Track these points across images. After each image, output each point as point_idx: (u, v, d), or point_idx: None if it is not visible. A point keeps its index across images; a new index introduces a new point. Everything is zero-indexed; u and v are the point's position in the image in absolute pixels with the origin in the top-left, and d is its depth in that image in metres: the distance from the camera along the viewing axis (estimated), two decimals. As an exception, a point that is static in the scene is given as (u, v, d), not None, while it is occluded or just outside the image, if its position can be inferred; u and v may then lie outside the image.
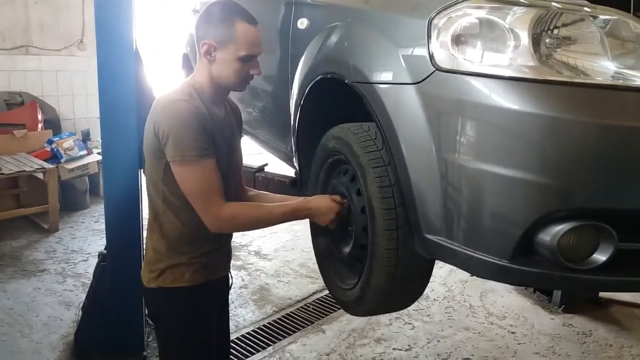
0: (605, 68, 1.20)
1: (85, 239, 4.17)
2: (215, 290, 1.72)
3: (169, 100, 1.51)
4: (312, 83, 1.77)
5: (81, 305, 2.72)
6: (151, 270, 1.63)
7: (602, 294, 3.43)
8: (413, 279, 1.55)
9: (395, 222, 1.43)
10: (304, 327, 3.05)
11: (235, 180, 1.73)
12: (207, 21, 1.55)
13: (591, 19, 1.22)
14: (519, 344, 2.96)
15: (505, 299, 3.47)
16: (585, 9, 1.23)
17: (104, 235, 2.53)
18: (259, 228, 1.74)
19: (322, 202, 1.63)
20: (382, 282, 1.50)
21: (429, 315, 3.24)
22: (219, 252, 1.70)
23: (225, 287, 1.84)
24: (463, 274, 3.66)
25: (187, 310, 1.64)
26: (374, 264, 1.50)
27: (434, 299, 3.43)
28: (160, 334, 1.75)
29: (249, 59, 1.54)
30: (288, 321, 3.11)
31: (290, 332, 3.00)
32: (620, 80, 1.18)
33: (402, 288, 1.55)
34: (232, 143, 1.68)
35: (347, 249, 1.67)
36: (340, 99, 1.67)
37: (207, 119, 1.51)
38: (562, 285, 1.70)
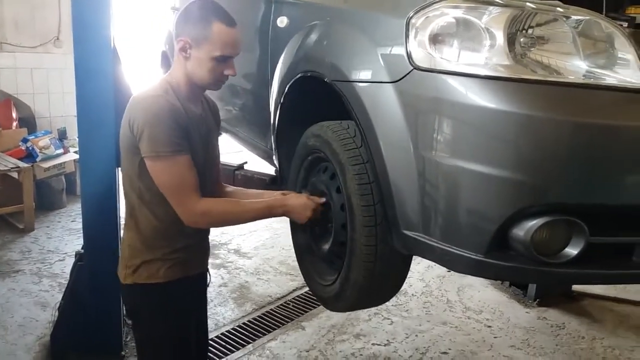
0: (577, 67, 1.23)
1: (62, 238, 4.11)
2: (191, 287, 1.73)
3: (144, 96, 1.52)
4: (291, 81, 1.78)
5: (57, 305, 2.69)
6: (127, 266, 1.64)
7: (574, 288, 3.51)
8: (391, 274, 1.57)
9: (374, 218, 1.45)
10: (283, 325, 3.06)
11: (212, 177, 1.73)
12: (185, 19, 1.56)
13: (564, 19, 1.25)
14: (495, 337, 3.02)
15: (481, 294, 3.53)
16: (559, 9, 1.26)
17: (81, 235, 2.51)
18: (235, 224, 1.75)
19: (299, 199, 1.64)
20: (361, 278, 1.52)
21: (407, 310, 3.28)
22: (195, 248, 1.70)
23: (203, 284, 1.84)
24: (441, 270, 3.70)
25: (164, 307, 1.64)
26: (353, 260, 1.52)
27: (412, 295, 3.47)
28: (137, 331, 1.75)
29: (223, 59, 1.55)
30: (268, 319, 3.12)
31: (270, 330, 3.00)
32: (592, 79, 1.22)
33: (380, 283, 1.57)
34: (208, 139, 1.68)
35: (326, 246, 1.69)
36: (319, 97, 1.69)
37: (182, 115, 1.52)
38: (536, 278, 1.74)
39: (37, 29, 5.07)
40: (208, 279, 1.86)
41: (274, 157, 2.14)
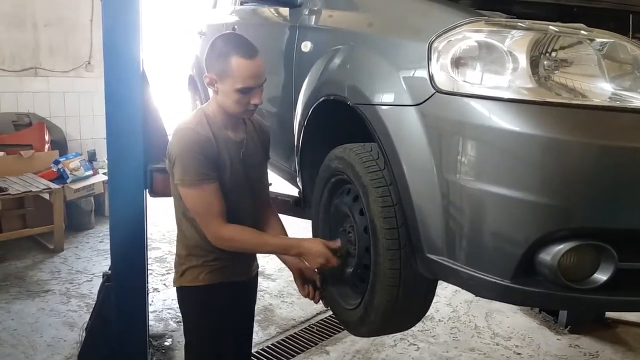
0: (602, 90, 1.21)
1: (90, 259, 4.18)
2: (232, 293, 1.84)
3: (180, 128, 1.67)
4: (315, 104, 1.80)
5: (85, 326, 2.72)
6: (176, 272, 1.85)
7: (608, 314, 3.41)
8: (416, 298, 1.55)
9: (397, 241, 1.44)
10: (307, 349, 3.04)
11: (258, 198, 1.86)
12: (209, 55, 1.67)
13: (588, 41, 1.24)
14: (524, 365, 2.94)
15: (511, 320, 3.44)
16: (582, 32, 1.25)
17: (109, 256, 2.54)
18: (253, 253, 1.91)
19: (315, 245, 1.69)
20: (385, 302, 1.50)
21: (434, 336, 3.22)
22: (231, 258, 1.79)
23: (247, 294, 1.99)
24: (468, 294, 3.63)
25: (204, 307, 1.82)
26: (377, 284, 1.50)
27: (439, 320, 3.41)
28: (184, 326, 1.93)
29: (246, 90, 1.63)
30: (292, 342, 3.10)
31: (294, 354, 2.98)
32: (618, 102, 1.20)
33: (405, 308, 1.55)
34: (249, 162, 1.78)
35: (350, 269, 1.68)
36: (342, 120, 1.70)
37: (211, 145, 1.65)
38: (563, 304, 1.70)
39: (70, 54, 5.23)
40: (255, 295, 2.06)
41: (297, 179, 2.15)
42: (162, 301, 3.50)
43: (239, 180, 1.74)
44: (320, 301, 1.85)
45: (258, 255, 1.98)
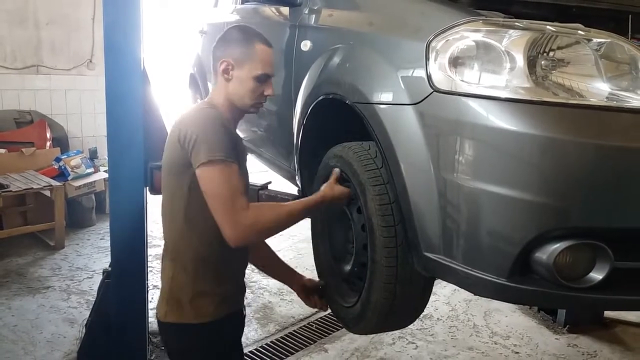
0: (599, 89, 1.22)
1: (91, 256, 4.19)
2: (235, 326, 1.72)
3: (191, 112, 1.56)
4: (314, 103, 1.81)
5: (85, 322, 2.73)
6: (168, 302, 1.59)
7: (607, 314, 3.41)
8: (413, 296, 1.56)
9: (394, 239, 1.45)
10: (306, 346, 3.04)
11: None
12: (226, 41, 1.62)
13: (586, 41, 1.25)
14: (523, 364, 2.95)
15: (509, 319, 3.45)
16: (580, 32, 1.26)
17: (109, 253, 2.55)
18: (280, 230, 1.56)
19: (331, 187, 1.62)
20: (382, 299, 1.51)
21: (432, 334, 3.23)
22: (237, 282, 1.71)
23: (242, 323, 1.81)
24: (467, 293, 3.64)
25: (212, 347, 1.60)
26: (374, 282, 1.51)
27: (438, 318, 3.42)
28: None
29: (263, 78, 1.59)
30: (291, 340, 3.11)
31: (293, 351, 2.99)
32: (615, 102, 1.20)
33: (402, 305, 1.56)
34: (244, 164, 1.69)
35: (347, 267, 1.69)
36: (341, 119, 1.70)
37: (231, 126, 1.56)
38: (559, 303, 1.70)
39: (72, 52, 5.24)
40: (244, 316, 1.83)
41: (297, 178, 2.16)
42: (162, 298, 3.51)
43: (245, 180, 1.59)
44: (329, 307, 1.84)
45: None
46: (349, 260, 1.68)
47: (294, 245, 4.37)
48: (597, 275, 1.19)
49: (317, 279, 1.90)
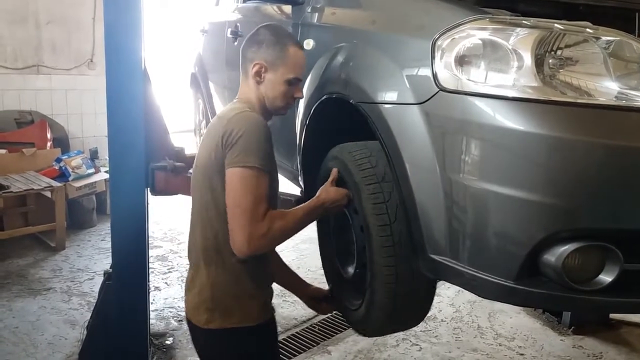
0: (608, 88, 1.20)
1: (92, 257, 4.17)
2: (274, 330, 1.71)
3: (239, 112, 1.50)
4: (317, 103, 1.79)
5: (86, 324, 2.72)
6: (209, 309, 1.53)
7: (612, 315, 3.39)
8: (416, 296, 1.54)
9: (391, 238, 1.43)
10: (309, 348, 3.02)
11: None
12: (258, 42, 1.57)
13: (594, 40, 1.23)
14: (527, 366, 2.93)
15: (514, 320, 3.43)
16: (588, 30, 1.24)
17: (110, 254, 2.54)
18: (287, 238, 1.53)
19: (327, 190, 1.57)
20: (384, 300, 1.49)
21: (436, 336, 3.21)
22: (271, 283, 1.69)
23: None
24: (471, 295, 3.61)
25: (257, 354, 1.59)
26: (375, 282, 1.49)
27: (442, 320, 3.40)
28: None
29: (295, 81, 1.58)
30: (293, 342, 3.09)
31: (296, 353, 2.97)
32: (624, 101, 1.18)
33: (405, 306, 1.54)
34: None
35: (351, 269, 1.67)
36: (345, 119, 1.68)
37: (271, 137, 1.50)
38: (568, 306, 1.68)
39: (72, 52, 5.22)
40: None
41: (299, 178, 2.14)
42: (164, 300, 3.50)
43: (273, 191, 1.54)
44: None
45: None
46: (352, 262, 1.66)
47: (297, 246, 4.35)
48: (606, 277, 1.17)
49: (320, 283, 1.89)
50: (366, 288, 1.57)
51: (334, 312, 1.85)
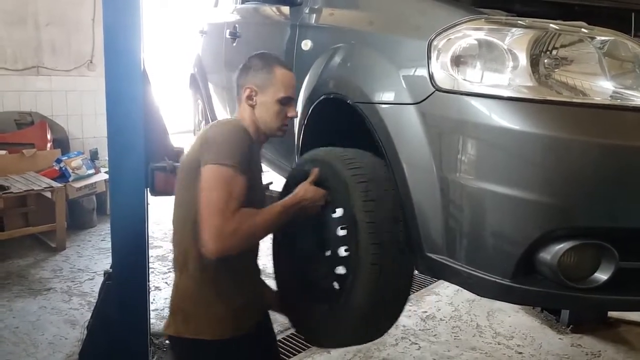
0: (603, 88, 1.21)
1: (92, 257, 4.18)
2: (249, 346, 1.63)
3: (223, 120, 1.61)
4: (315, 103, 1.80)
5: (86, 324, 2.72)
6: (172, 312, 1.58)
7: (611, 314, 3.40)
8: (393, 300, 1.50)
9: (380, 235, 1.40)
10: (309, 347, 3.02)
11: None
12: (247, 69, 1.65)
13: (589, 39, 1.24)
14: (526, 364, 2.93)
15: (512, 319, 3.44)
16: (583, 30, 1.25)
17: (110, 254, 2.54)
18: (260, 238, 1.56)
19: (306, 188, 1.55)
20: (363, 301, 1.43)
21: (435, 335, 3.22)
22: (251, 292, 1.67)
23: (264, 337, 1.81)
24: (469, 294, 3.61)
25: None
26: (357, 281, 1.43)
27: (441, 319, 3.41)
28: None
29: (286, 100, 1.61)
30: (293, 341, 3.09)
31: (295, 352, 2.97)
32: (619, 100, 1.20)
33: (381, 310, 1.49)
34: (258, 183, 1.67)
35: (322, 273, 1.61)
36: (342, 119, 1.69)
37: (250, 144, 1.53)
38: (564, 304, 1.69)
39: (72, 53, 5.22)
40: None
41: (298, 178, 2.14)
42: (164, 299, 3.50)
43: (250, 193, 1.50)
44: None
45: (259, 254, 1.86)
46: (322, 266, 1.60)
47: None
48: (602, 275, 1.18)
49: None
50: (340, 290, 1.51)
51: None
